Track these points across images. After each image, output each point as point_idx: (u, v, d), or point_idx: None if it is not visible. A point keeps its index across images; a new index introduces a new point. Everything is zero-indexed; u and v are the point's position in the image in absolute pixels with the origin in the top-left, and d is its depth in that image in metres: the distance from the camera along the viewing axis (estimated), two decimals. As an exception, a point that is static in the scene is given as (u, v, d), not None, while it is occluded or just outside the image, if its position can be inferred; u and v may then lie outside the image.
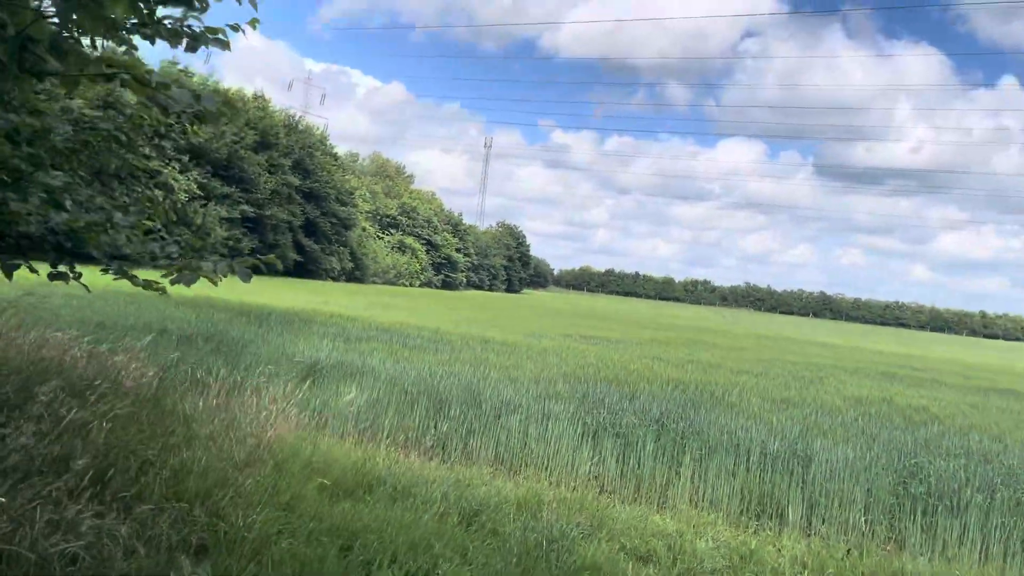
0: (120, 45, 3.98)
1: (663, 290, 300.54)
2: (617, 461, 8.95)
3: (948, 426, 13.33)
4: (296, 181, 71.48)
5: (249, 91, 73.42)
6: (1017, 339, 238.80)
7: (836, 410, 14.01)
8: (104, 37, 3.82)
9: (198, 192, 54.20)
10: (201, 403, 8.32)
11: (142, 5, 3.72)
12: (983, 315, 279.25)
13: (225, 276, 4.66)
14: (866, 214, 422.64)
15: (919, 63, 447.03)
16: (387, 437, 9.15)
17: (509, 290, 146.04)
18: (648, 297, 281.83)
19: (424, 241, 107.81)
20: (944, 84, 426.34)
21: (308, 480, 6.47)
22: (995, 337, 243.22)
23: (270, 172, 67.52)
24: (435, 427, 9.54)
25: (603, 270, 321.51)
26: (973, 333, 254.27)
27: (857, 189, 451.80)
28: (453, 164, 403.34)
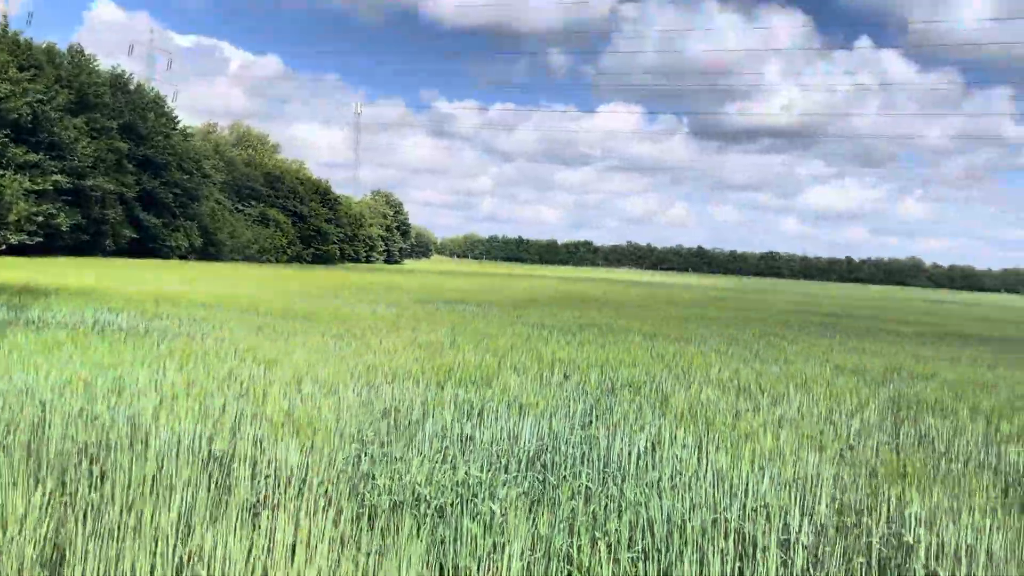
0: None
1: (546, 253, 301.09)
2: None
3: None
4: (126, 147, 62.35)
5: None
6: (881, 281, 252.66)
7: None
8: None
9: (-9, 160, 45.35)
10: None
11: None
12: (849, 260, 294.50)
13: None
14: (739, 171, 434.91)
15: (786, 26, 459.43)
16: None
17: (388, 261, 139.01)
18: (532, 261, 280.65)
19: (290, 213, 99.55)
20: (808, 46, 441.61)
21: None
22: (861, 280, 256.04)
23: (92, 137, 58.32)
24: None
25: (487, 237, 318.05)
26: (841, 279, 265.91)
27: (731, 148, 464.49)
28: (333, 137, 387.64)
